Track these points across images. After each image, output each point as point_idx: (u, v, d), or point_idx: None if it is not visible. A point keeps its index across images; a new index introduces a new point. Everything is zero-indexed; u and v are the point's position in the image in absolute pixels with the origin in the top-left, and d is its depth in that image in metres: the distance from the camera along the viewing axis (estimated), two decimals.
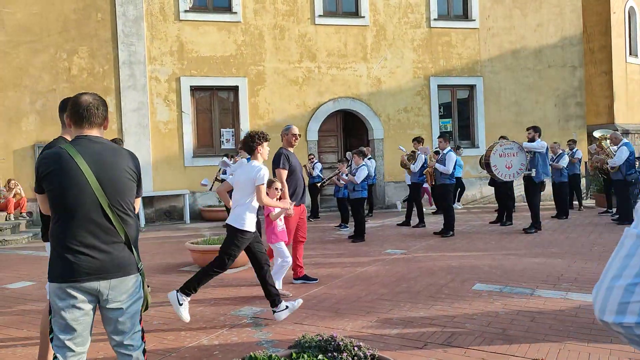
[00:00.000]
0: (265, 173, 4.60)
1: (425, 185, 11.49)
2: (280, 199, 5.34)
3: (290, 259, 5.52)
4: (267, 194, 4.91)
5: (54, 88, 12.23)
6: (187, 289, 4.45)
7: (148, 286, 2.60)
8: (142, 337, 2.52)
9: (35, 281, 6.58)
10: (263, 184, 4.60)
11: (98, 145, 2.45)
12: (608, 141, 11.06)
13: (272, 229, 5.44)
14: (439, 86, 14.71)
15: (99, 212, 2.37)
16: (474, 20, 14.82)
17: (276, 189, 5.34)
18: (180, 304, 4.40)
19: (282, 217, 5.51)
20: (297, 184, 5.83)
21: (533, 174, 9.25)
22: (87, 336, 2.43)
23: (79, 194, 2.35)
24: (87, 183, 2.35)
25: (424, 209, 10.79)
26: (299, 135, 5.97)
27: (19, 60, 12.06)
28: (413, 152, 10.92)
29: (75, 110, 2.47)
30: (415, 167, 10.41)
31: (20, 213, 11.72)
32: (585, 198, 14.70)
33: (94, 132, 2.49)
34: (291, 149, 5.92)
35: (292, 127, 5.99)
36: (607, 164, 10.44)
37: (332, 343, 2.24)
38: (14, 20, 11.99)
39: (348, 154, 10.77)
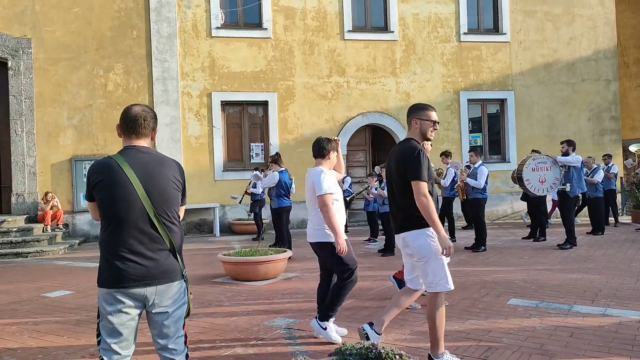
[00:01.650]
0: (331, 180, 4.25)
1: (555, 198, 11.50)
2: None
3: None
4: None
5: (91, 104, 12.63)
6: (327, 312, 4.29)
7: (190, 293, 2.66)
8: (185, 342, 2.58)
9: (73, 290, 6.75)
10: (330, 194, 4.20)
11: (146, 156, 2.53)
12: None
13: None
14: (469, 100, 14.63)
15: (146, 221, 2.44)
16: (505, 34, 14.73)
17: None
18: (324, 328, 4.26)
19: None
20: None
21: (568, 189, 9.07)
22: (132, 340, 2.50)
23: (128, 204, 2.42)
24: (135, 193, 2.43)
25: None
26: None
27: (58, 76, 12.51)
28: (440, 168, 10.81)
29: (125, 121, 2.56)
30: (446, 182, 10.33)
31: (57, 225, 12.05)
32: (621, 214, 14.31)
33: (141, 143, 2.58)
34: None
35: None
36: None
37: (374, 351, 2.24)
38: (53, 38, 12.47)
39: (376, 168, 10.77)
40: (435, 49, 14.39)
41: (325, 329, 4.27)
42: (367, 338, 3.82)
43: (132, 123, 2.55)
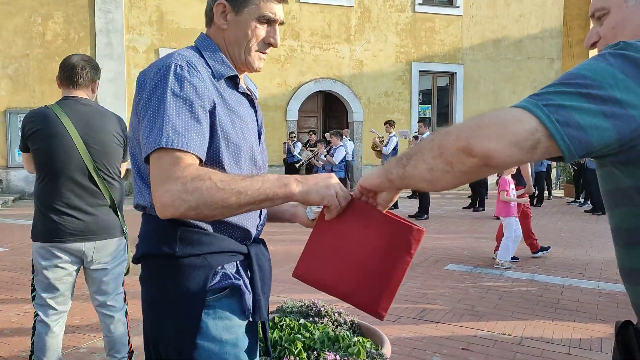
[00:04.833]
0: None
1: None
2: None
3: (518, 235, 5.71)
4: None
5: (27, 53, 11.87)
6: None
7: (131, 251, 2.62)
8: (125, 300, 2.55)
9: (7, 247, 6.48)
10: None
11: (86, 108, 2.43)
12: None
13: (505, 202, 5.63)
14: (420, 72, 14.81)
15: (85, 175, 2.37)
16: (458, 7, 14.90)
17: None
18: None
19: (515, 192, 5.74)
20: None
21: None
22: (69, 296, 2.45)
23: (65, 155, 2.34)
24: (73, 144, 2.34)
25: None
26: None
27: None
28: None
29: (63, 71, 2.45)
30: (387, 149, 10.49)
31: None
32: (554, 188, 15.11)
33: (81, 94, 2.47)
34: None
35: None
36: None
37: (314, 309, 2.31)
38: None
39: (326, 134, 10.81)
40: (390, 18, 14.38)
41: None
42: None
43: (70, 72, 2.43)
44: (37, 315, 2.38)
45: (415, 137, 10.35)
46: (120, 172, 2.54)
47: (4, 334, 3.61)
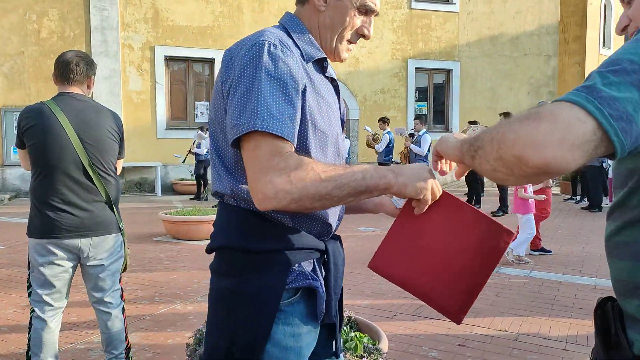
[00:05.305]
0: None
1: None
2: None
3: (534, 232, 5.72)
4: None
5: (23, 51, 11.81)
6: None
7: (128, 248, 2.61)
8: (122, 296, 2.54)
9: (3, 245, 6.46)
10: None
11: (81, 104, 2.42)
12: None
13: (523, 199, 5.62)
14: (417, 69, 14.80)
15: (80, 170, 2.36)
16: (455, 3, 14.89)
17: None
18: None
19: (532, 189, 5.73)
20: None
21: None
22: (65, 293, 2.44)
23: (60, 151, 2.33)
24: (69, 140, 2.33)
25: None
26: None
27: None
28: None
29: (58, 67, 2.43)
30: (380, 147, 10.49)
31: None
32: (551, 186, 15.14)
33: (75, 90, 2.45)
34: None
35: None
36: None
37: None
38: None
39: None
40: (386, 14, 14.36)
41: None
42: None
43: (64, 69, 2.42)
44: (33, 311, 2.37)
45: (411, 135, 10.35)
46: (115, 168, 2.53)
47: (1, 331, 3.60)
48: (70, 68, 2.41)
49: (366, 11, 1.29)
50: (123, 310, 2.54)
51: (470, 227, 1.16)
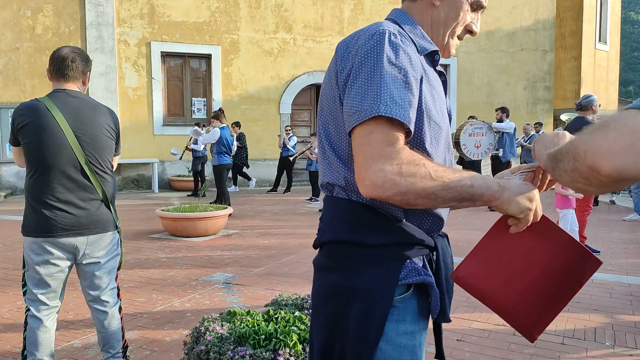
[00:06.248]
0: None
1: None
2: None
3: (577, 227, 5.66)
4: None
5: (17, 47, 11.74)
6: None
7: (125, 246, 2.59)
8: (118, 295, 2.53)
9: None
10: None
11: (77, 100, 2.40)
12: None
13: (562, 195, 5.58)
14: None
15: (77, 168, 2.34)
16: None
17: None
18: None
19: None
20: None
21: (500, 154, 9.49)
22: (60, 293, 2.42)
23: (56, 149, 2.30)
24: (65, 137, 2.30)
25: None
26: None
27: None
28: None
29: (53, 63, 2.40)
30: None
31: None
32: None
33: (71, 86, 2.43)
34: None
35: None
36: None
37: (308, 301, 2.29)
38: None
39: None
40: (383, 10, 14.32)
41: None
42: None
43: (60, 65, 2.39)
44: (28, 310, 2.35)
45: None
46: (112, 166, 2.51)
47: None
48: (66, 64, 2.39)
49: (477, 7, 1.30)
50: (120, 309, 2.53)
51: (561, 252, 1.17)
